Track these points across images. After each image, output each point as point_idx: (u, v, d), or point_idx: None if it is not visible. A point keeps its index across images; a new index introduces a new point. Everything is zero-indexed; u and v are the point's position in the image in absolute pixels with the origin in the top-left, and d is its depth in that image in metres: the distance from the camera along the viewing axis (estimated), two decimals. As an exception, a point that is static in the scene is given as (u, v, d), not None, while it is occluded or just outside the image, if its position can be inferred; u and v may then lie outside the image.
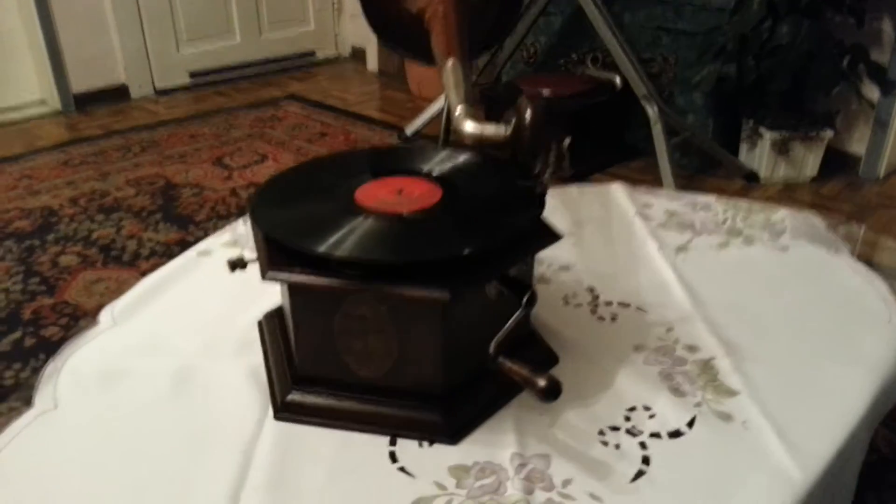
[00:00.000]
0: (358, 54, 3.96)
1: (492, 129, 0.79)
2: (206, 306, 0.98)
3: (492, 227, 0.76)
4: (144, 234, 2.20)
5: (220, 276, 1.05)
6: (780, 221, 1.20)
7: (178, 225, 2.25)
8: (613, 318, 0.96)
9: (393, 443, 0.76)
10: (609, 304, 0.99)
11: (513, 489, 0.70)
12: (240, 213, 2.25)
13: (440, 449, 0.75)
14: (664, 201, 1.27)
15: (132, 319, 0.95)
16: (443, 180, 0.84)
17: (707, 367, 0.86)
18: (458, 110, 0.81)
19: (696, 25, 2.52)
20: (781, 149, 2.56)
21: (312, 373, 0.78)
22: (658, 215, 1.22)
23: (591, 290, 1.02)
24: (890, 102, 2.57)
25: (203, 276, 1.05)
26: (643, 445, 0.76)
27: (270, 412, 0.79)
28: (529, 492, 0.70)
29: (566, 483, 0.71)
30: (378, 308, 0.72)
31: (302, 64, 3.88)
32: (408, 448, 0.75)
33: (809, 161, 2.58)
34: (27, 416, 0.79)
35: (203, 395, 0.82)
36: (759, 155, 2.59)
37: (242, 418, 0.79)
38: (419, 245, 0.73)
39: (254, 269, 1.05)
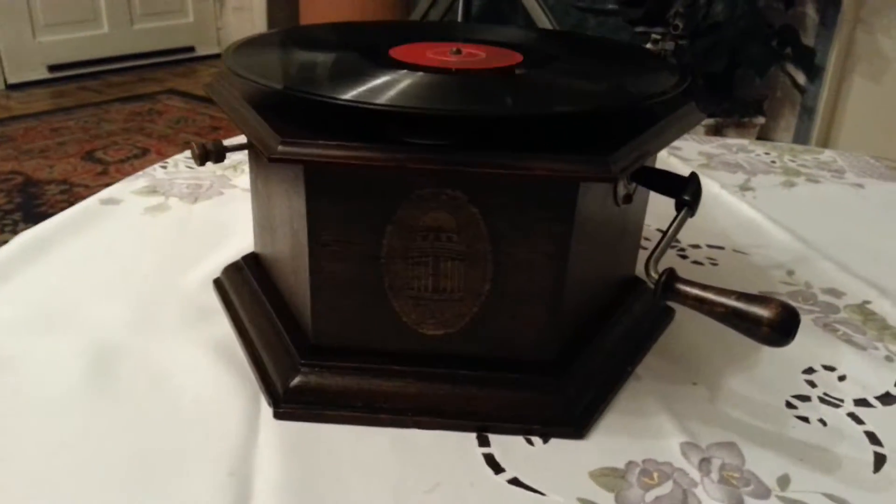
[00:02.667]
0: (245, 50, 3.59)
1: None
2: (124, 264, 0.64)
3: (624, 88, 0.48)
4: (0, 237, 1.77)
5: (138, 226, 0.71)
6: (833, 161, 1.03)
7: (43, 223, 1.82)
8: (713, 263, 0.71)
9: (484, 442, 0.46)
10: (696, 247, 0.74)
11: (709, 499, 0.42)
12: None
13: (561, 446, 0.46)
14: (694, 144, 1.06)
15: (10, 284, 0.60)
16: (513, 46, 0.55)
17: (865, 311, 0.62)
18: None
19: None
20: (715, 135, 2.44)
21: (338, 337, 0.47)
22: (694, 156, 1.01)
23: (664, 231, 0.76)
24: (817, 88, 2.52)
25: (114, 227, 0.71)
26: (856, 418, 0.50)
27: (264, 407, 0.47)
28: (737, 500, 0.42)
29: (783, 482, 0.44)
30: (464, 208, 0.43)
31: (182, 59, 3.47)
32: (510, 448, 0.45)
33: (745, 146, 2.48)
34: None
35: (144, 388, 0.49)
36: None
37: (219, 420, 0.46)
38: (532, 100, 0.44)
39: (184, 213, 0.73)
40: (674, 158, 0.98)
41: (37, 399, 0.48)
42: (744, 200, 0.85)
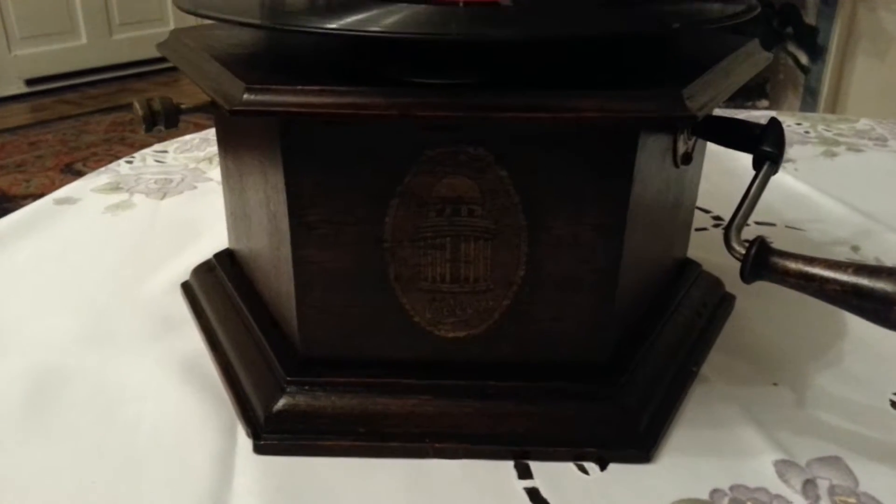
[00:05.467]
0: (229, 56, 3.50)
1: None
2: (77, 270, 0.54)
3: (688, 10, 0.38)
4: (-28, 255, 1.65)
5: (97, 227, 0.61)
6: (871, 129, 0.94)
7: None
8: (769, 240, 0.61)
9: (525, 473, 0.36)
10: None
11: (827, 538, 0.32)
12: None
13: (624, 474, 0.36)
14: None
15: (-70, 299, 0.50)
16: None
17: (956, 292, 0.52)
18: None
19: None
20: (720, 120, 2.35)
21: (332, 346, 0.37)
22: (721, 129, 0.91)
23: (705, 210, 0.67)
24: (819, 68, 2.43)
25: (69, 228, 0.61)
26: (983, 421, 0.40)
27: (242, 438, 0.37)
28: (862, 539, 0.32)
29: (914, 510, 0.34)
30: (489, 171, 0.33)
31: (164, 68, 3.36)
32: (558, 479, 0.35)
33: (748, 131, 2.40)
34: None
35: (94, 417, 0.39)
36: (698, 125, 2.38)
37: (185, 457, 0.36)
38: (578, 21, 0.34)
39: (150, 210, 0.63)
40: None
41: (-45, 440, 0.38)
42: (786, 173, 0.75)
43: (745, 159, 0.83)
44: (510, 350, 0.37)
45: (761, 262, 0.33)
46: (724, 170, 0.76)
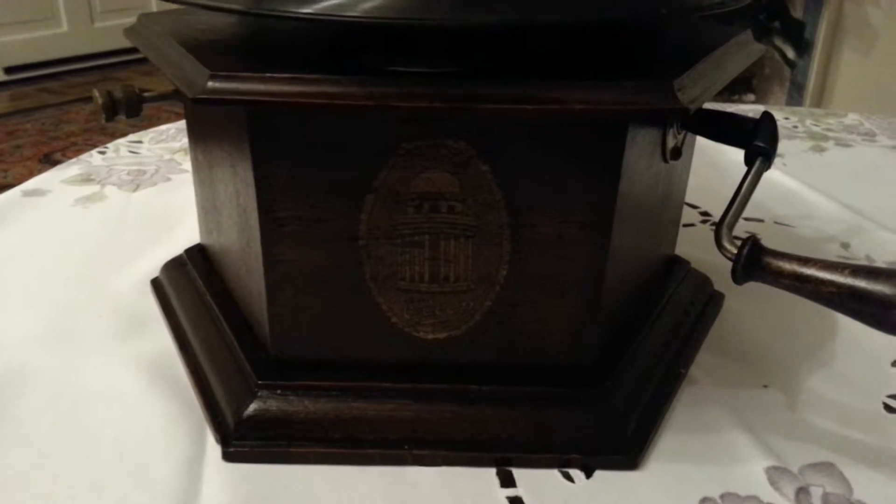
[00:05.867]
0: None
1: None
2: (43, 266, 0.52)
3: None
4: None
5: (66, 220, 0.59)
6: (859, 124, 0.93)
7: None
8: (758, 236, 0.59)
9: (507, 480, 0.34)
10: (731, 220, 0.62)
11: (820, 551, 0.31)
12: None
13: (611, 481, 0.34)
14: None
15: None
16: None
17: (949, 290, 0.51)
18: None
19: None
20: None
21: (305, 348, 0.35)
22: (708, 123, 0.90)
23: (693, 206, 0.65)
24: (806, 63, 2.43)
25: (36, 222, 0.58)
26: (978, 425, 0.39)
27: (211, 444, 0.36)
28: (857, 552, 0.31)
29: (911, 520, 0.33)
30: (471, 165, 0.31)
31: (146, 56, 3.31)
32: (542, 487, 0.34)
33: (734, 126, 2.40)
34: None
35: (53, 422, 0.37)
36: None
37: (150, 465, 0.34)
38: (541, 8, 0.32)
39: (122, 203, 0.61)
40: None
41: None
42: (774, 168, 0.74)
43: (734, 153, 0.82)
44: (492, 352, 0.35)
45: (754, 262, 0.31)
46: (711, 164, 0.75)
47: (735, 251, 0.32)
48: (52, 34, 3.06)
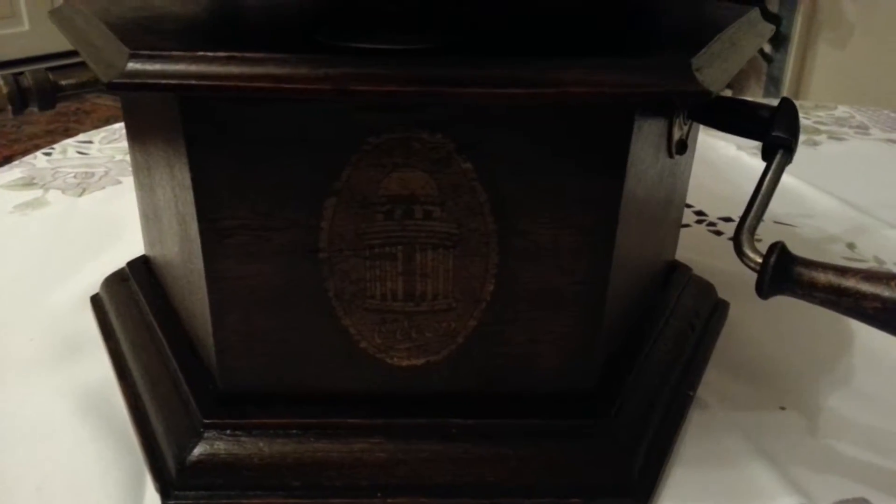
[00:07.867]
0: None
1: None
2: (-32, 283, 0.46)
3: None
4: None
5: (2, 229, 0.53)
6: (850, 117, 0.90)
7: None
8: (756, 239, 0.55)
9: (497, 530, 0.29)
10: (728, 219, 0.59)
11: None
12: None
13: (616, 527, 0.29)
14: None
15: None
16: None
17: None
18: None
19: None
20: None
21: (259, 379, 0.30)
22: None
23: (687, 205, 0.61)
24: (782, 57, 2.43)
25: (-38, 232, 0.53)
26: None
27: (151, 495, 0.30)
28: None
29: (964, 568, 0.28)
30: (450, 162, 0.26)
31: (111, 56, 3.23)
32: (538, 538, 0.29)
33: (710, 121, 2.38)
34: None
35: (-43, 473, 0.32)
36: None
37: (73, 523, 0.29)
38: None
39: (66, 208, 0.55)
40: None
41: None
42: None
43: (726, 149, 0.78)
44: (477, 380, 0.30)
45: (783, 273, 0.27)
46: (700, 159, 0.71)
47: (760, 260, 0.27)
48: (14, 33, 2.97)
